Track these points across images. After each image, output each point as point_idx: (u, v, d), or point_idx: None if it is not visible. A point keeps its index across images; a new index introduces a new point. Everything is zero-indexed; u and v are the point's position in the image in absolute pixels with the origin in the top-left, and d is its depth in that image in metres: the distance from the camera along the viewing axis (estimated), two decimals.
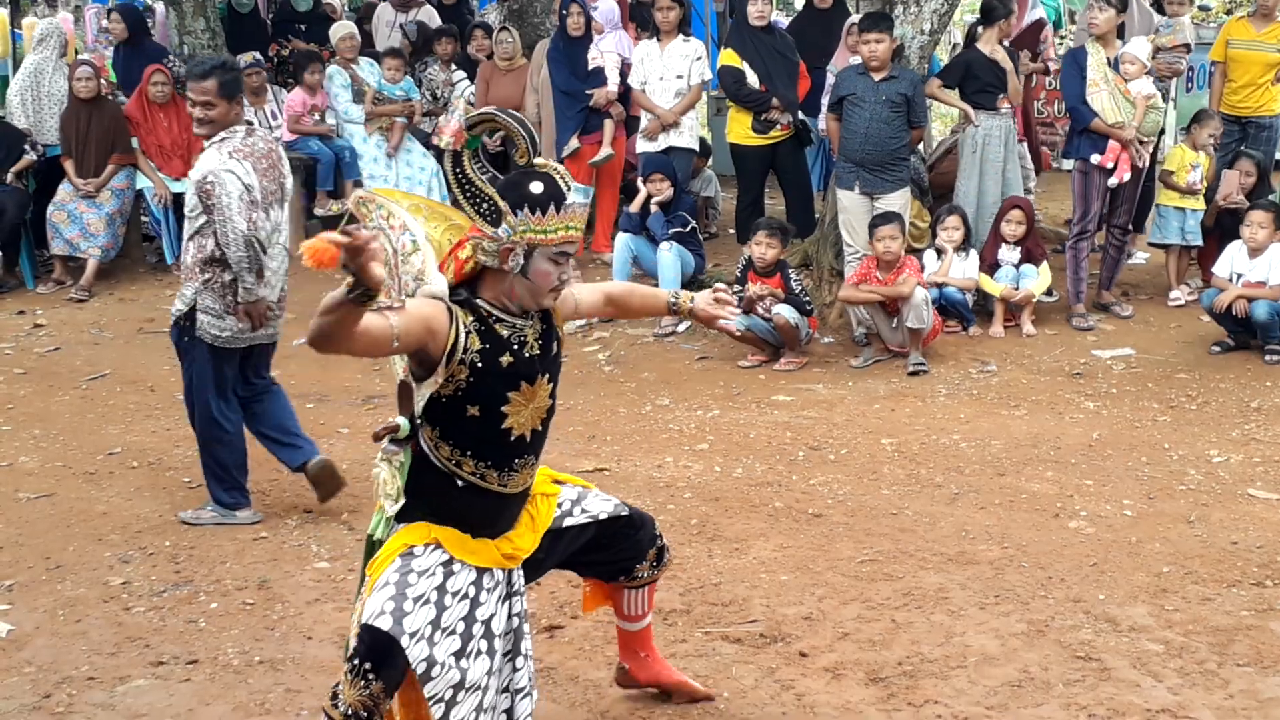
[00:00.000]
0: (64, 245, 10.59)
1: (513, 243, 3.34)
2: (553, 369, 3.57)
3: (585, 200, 3.45)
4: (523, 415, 3.49)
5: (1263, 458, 6.59)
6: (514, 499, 3.60)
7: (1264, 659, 4.55)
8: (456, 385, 3.37)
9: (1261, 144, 9.87)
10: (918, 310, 8.02)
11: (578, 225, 3.41)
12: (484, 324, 3.40)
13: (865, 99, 8.69)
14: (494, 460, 3.48)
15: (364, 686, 3.34)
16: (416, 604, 3.37)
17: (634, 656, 4.24)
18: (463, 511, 3.50)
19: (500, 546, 3.57)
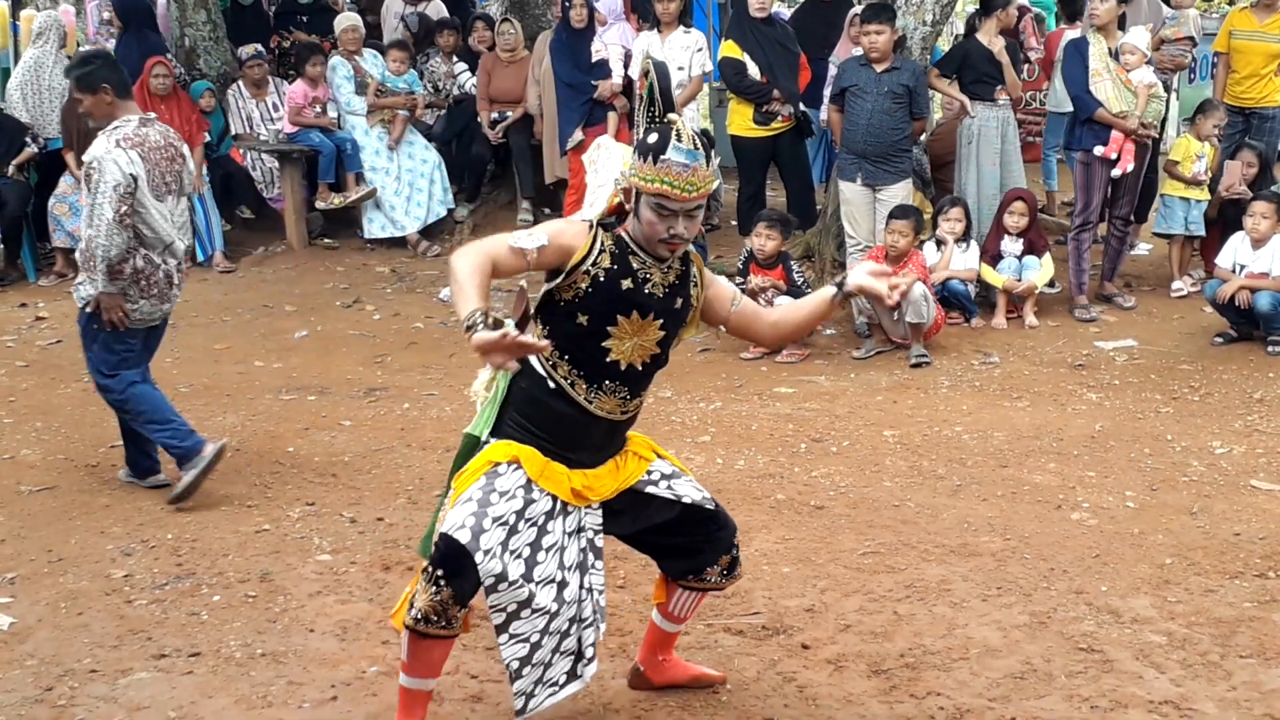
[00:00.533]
0: (65, 238, 10.56)
1: (629, 183, 3.59)
2: (670, 319, 3.73)
3: (685, 161, 3.51)
4: (625, 344, 3.67)
5: (1265, 449, 6.58)
6: (598, 423, 3.71)
7: (1267, 650, 4.54)
8: (575, 292, 3.60)
9: (1264, 135, 9.86)
10: (916, 305, 8.01)
11: (675, 183, 3.51)
12: (619, 247, 3.64)
13: (867, 90, 8.68)
14: (587, 371, 3.65)
15: (435, 593, 3.54)
16: (494, 524, 3.54)
17: (653, 659, 4.26)
18: (549, 421, 3.68)
19: (574, 479, 3.71)
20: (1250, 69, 9.78)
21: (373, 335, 9.13)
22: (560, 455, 3.70)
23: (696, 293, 3.81)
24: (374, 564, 5.33)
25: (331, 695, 4.31)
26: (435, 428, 7.11)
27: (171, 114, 10.86)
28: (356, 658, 4.55)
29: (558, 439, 3.69)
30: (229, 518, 5.87)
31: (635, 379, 3.73)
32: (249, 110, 11.72)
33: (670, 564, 4.07)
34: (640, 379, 3.75)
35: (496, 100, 11.37)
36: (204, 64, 12.06)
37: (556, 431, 3.69)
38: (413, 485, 6.23)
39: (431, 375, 8.17)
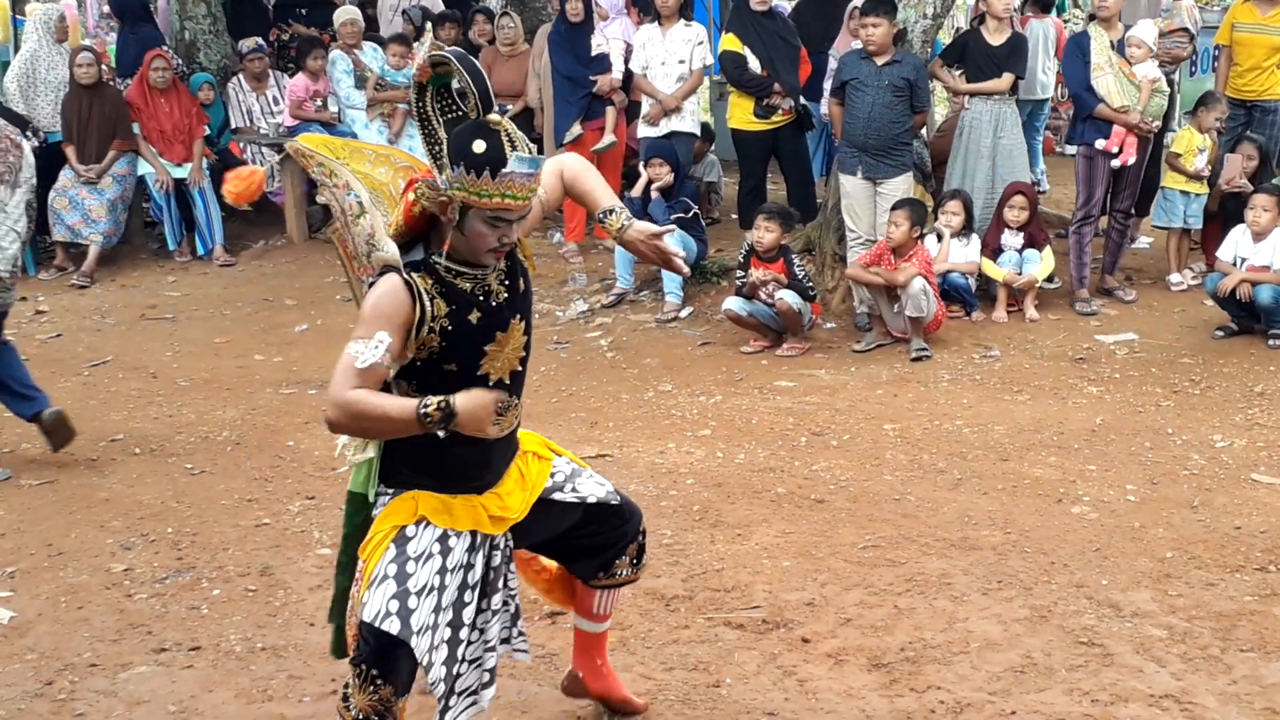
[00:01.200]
0: (66, 231, 10.59)
1: (449, 196, 3.19)
2: (523, 308, 3.46)
3: (528, 171, 3.15)
4: (499, 361, 3.39)
5: (1266, 442, 6.58)
6: (500, 444, 3.46)
7: (1267, 644, 4.54)
8: (430, 350, 3.28)
9: (1266, 128, 9.83)
10: (915, 299, 8.00)
11: (517, 195, 3.15)
12: (444, 284, 3.27)
13: (868, 84, 8.66)
14: None
15: (373, 691, 3.29)
16: (420, 596, 3.30)
17: (590, 663, 4.07)
18: (448, 461, 3.38)
19: (488, 505, 3.46)
20: (1252, 61, 9.75)
21: None
22: (466, 487, 3.43)
23: (521, 254, 3.50)
24: None
25: (332, 689, 4.30)
26: None
27: (171, 107, 10.89)
28: None
29: (460, 476, 3.42)
30: (229, 512, 5.87)
31: (518, 379, 3.51)
32: (249, 104, 11.72)
33: (579, 566, 3.87)
34: (522, 376, 3.53)
35: (497, 94, 11.20)
36: (204, 57, 12.06)
37: (456, 468, 3.41)
38: None
39: None
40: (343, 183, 3.42)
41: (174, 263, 10.86)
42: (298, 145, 3.51)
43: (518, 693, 4.24)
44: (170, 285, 10.37)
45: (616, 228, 3.64)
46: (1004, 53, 9.33)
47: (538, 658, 4.47)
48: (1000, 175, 9.29)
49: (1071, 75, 9.01)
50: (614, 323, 9.01)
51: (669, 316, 9.05)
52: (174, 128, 10.87)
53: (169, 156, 10.85)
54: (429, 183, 3.24)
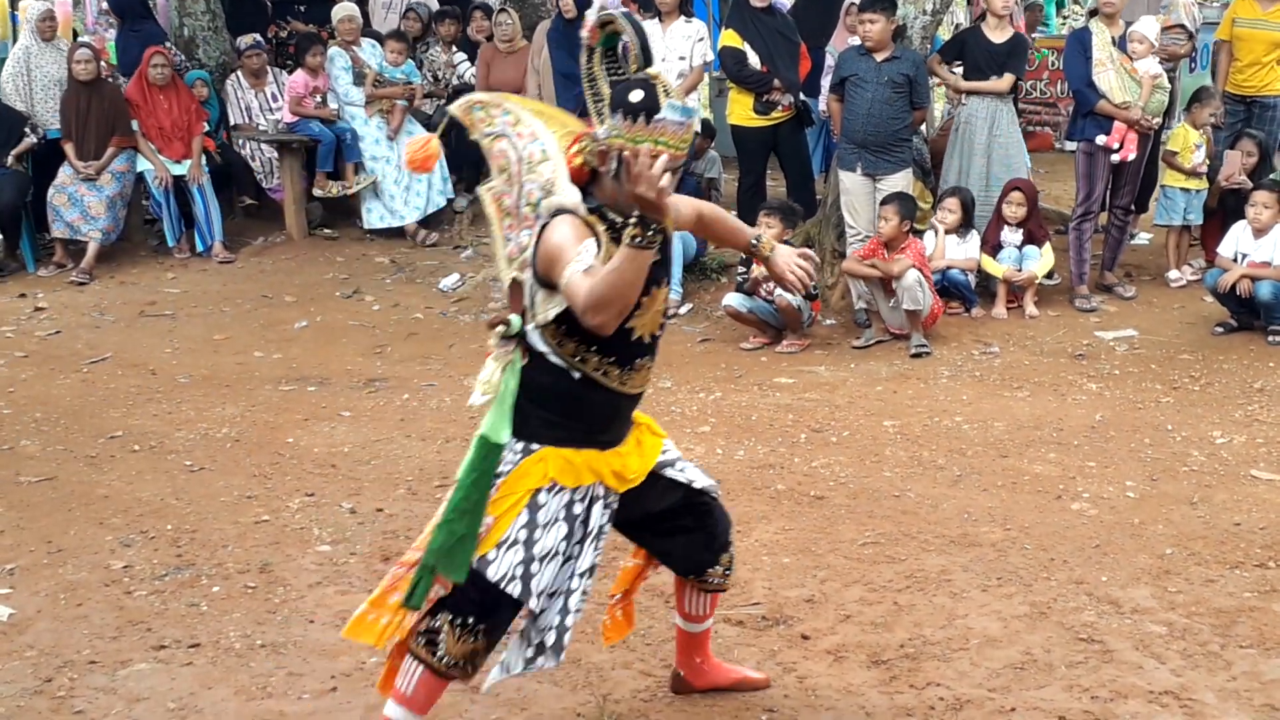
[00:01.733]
0: (65, 228, 10.57)
1: (607, 145, 3.38)
2: (667, 272, 3.66)
3: (681, 119, 3.28)
4: (645, 318, 3.53)
5: (1266, 439, 6.58)
6: (627, 401, 3.64)
7: (1267, 641, 4.54)
8: None
9: (1266, 123, 9.83)
10: (911, 292, 8.00)
11: (669, 142, 3.28)
12: (615, 231, 3.42)
13: (867, 80, 8.66)
14: (618, 358, 3.53)
15: (471, 641, 3.48)
16: (543, 563, 3.48)
17: (690, 662, 4.19)
18: (580, 409, 3.55)
19: (610, 462, 3.62)
20: (1252, 57, 9.75)
21: (372, 326, 9.13)
22: (592, 440, 3.59)
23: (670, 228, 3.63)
24: (374, 555, 5.33)
25: (331, 686, 4.31)
26: (435, 419, 7.11)
27: (170, 104, 10.87)
28: (356, 649, 4.53)
29: (590, 424, 3.58)
30: (228, 509, 5.87)
31: (655, 344, 3.68)
32: (248, 100, 11.71)
33: (673, 556, 3.97)
34: (657, 341, 3.70)
35: (496, 90, 11.32)
36: (203, 54, 12.06)
37: (589, 418, 3.57)
38: (412, 476, 6.22)
39: (431, 366, 8.17)
40: (529, 131, 3.58)
41: (173, 259, 10.85)
42: (484, 97, 3.75)
43: (517, 689, 4.23)
44: (169, 282, 10.36)
45: (769, 251, 3.96)
46: (1004, 51, 9.32)
47: None
48: (995, 172, 9.29)
49: (1073, 71, 9.01)
50: None
51: (669, 313, 9.03)
52: (173, 125, 10.85)
53: (168, 153, 10.83)
54: (590, 135, 3.45)
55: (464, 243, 11.03)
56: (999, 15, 9.33)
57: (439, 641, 3.49)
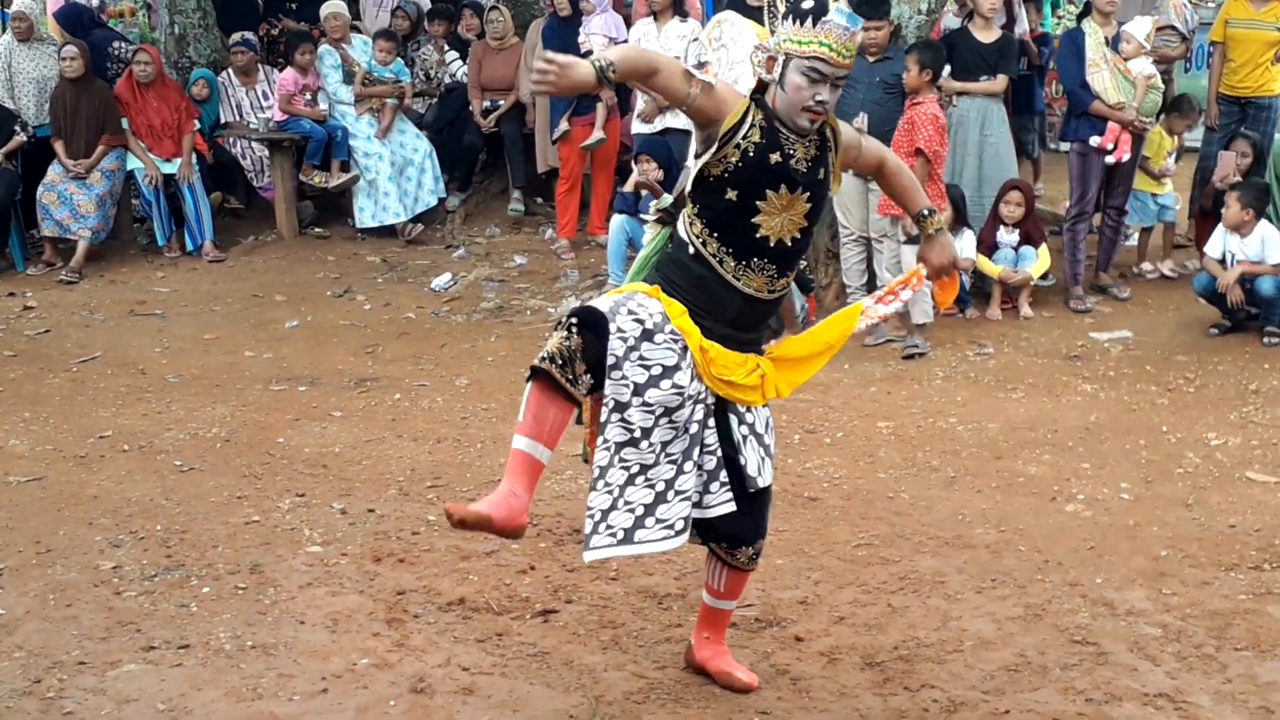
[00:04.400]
0: (54, 227, 10.53)
1: (775, 51, 3.68)
2: (815, 190, 3.80)
3: (846, 24, 3.60)
4: (775, 220, 3.74)
5: (1260, 440, 6.57)
6: (740, 301, 3.79)
7: (1262, 643, 4.53)
8: (725, 166, 3.69)
9: (1261, 124, 9.83)
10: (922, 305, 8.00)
11: (834, 45, 3.60)
12: (768, 122, 3.71)
13: (859, 81, 8.62)
14: (736, 248, 3.74)
15: (566, 337, 3.64)
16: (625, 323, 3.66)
17: (698, 635, 4.28)
18: (692, 282, 3.77)
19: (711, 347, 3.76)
20: (1247, 57, 9.74)
21: (363, 325, 9.10)
22: (697, 320, 3.75)
23: (833, 157, 3.85)
24: (365, 555, 5.30)
25: (322, 687, 4.28)
26: (426, 418, 7.08)
27: (160, 102, 10.84)
28: (347, 650, 4.52)
29: (697, 300, 3.76)
30: (219, 509, 5.84)
31: (784, 255, 3.80)
32: (238, 98, 11.68)
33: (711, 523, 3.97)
34: (788, 256, 3.81)
35: (488, 88, 11.32)
36: (194, 51, 12.02)
37: (696, 293, 3.76)
38: (404, 476, 6.19)
39: (423, 366, 8.14)
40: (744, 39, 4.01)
41: (163, 258, 10.82)
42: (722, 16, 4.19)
43: (509, 691, 4.21)
44: (159, 281, 10.33)
45: (933, 229, 4.07)
46: (994, 51, 9.31)
47: (529, 655, 4.45)
48: (987, 172, 9.28)
49: (1066, 72, 9.00)
50: None
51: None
52: (163, 123, 10.81)
53: (158, 152, 10.79)
54: (760, 45, 3.74)
55: (456, 242, 11.01)
56: (986, 16, 9.32)
57: (544, 345, 3.68)
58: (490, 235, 11.12)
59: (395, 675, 4.33)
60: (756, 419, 3.95)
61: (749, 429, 3.93)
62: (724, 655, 4.29)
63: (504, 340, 8.68)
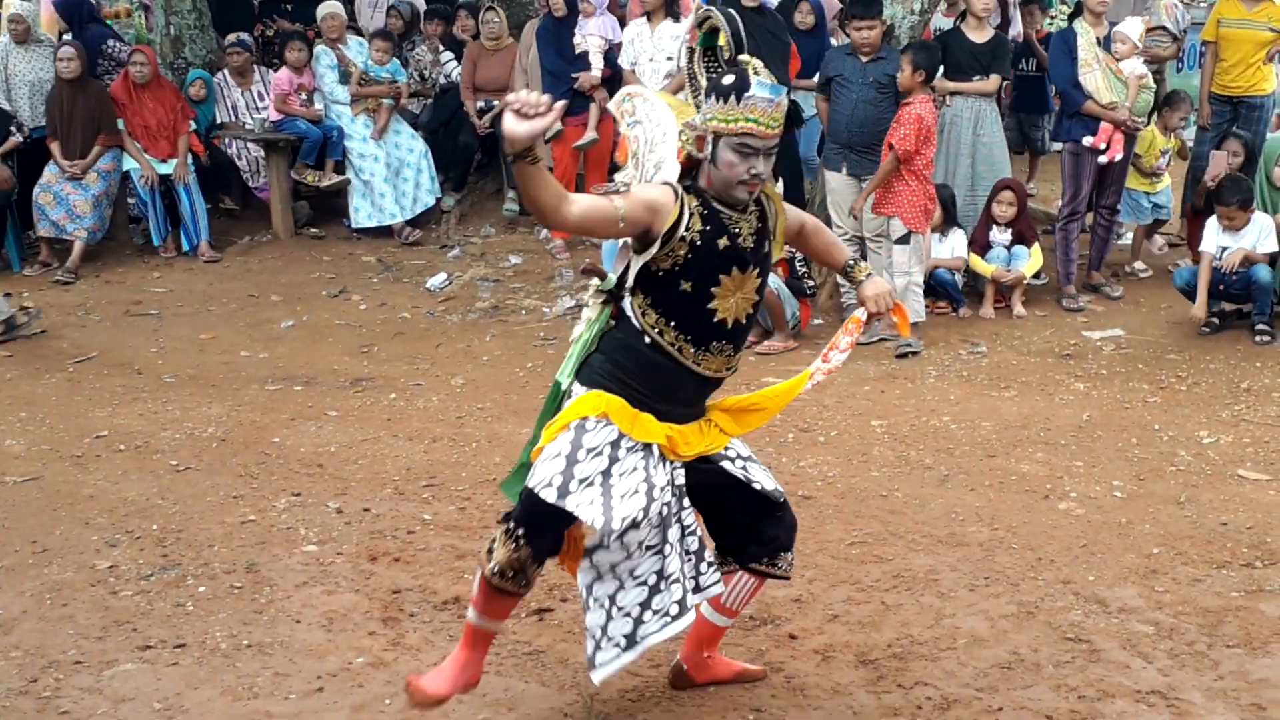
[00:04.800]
0: (50, 227, 10.53)
1: (703, 129, 3.61)
2: (763, 265, 3.78)
3: (770, 96, 3.55)
4: (729, 301, 3.69)
5: (1252, 438, 6.59)
6: (697, 382, 3.75)
7: (1254, 640, 4.55)
8: (675, 260, 3.60)
9: (1253, 124, 9.85)
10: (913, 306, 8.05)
11: (760, 119, 3.55)
12: (706, 207, 3.64)
13: (853, 80, 8.65)
14: (695, 335, 3.68)
15: (514, 549, 3.62)
16: (581, 485, 3.56)
17: (696, 656, 4.21)
18: (643, 369, 3.69)
19: (666, 429, 3.71)
20: (1239, 57, 9.77)
21: (359, 325, 9.11)
22: (649, 406, 3.69)
23: (773, 227, 3.84)
24: (360, 555, 5.32)
25: (318, 686, 4.30)
26: (422, 418, 7.09)
27: (155, 103, 10.84)
28: (343, 649, 4.54)
29: (650, 387, 3.70)
30: (215, 508, 5.85)
31: (739, 333, 3.77)
32: (234, 99, 11.68)
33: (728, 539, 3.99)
34: (743, 332, 3.79)
35: (482, 89, 11.33)
36: (189, 52, 12.02)
37: (650, 380, 3.70)
38: (399, 476, 6.21)
39: (418, 366, 8.15)
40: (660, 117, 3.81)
41: (159, 259, 10.82)
42: (631, 90, 4.01)
43: (504, 689, 4.23)
44: (155, 281, 10.33)
45: (864, 274, 4.08)
46: (987, 51, 9.34)
47: (524, 654, 4.47)
48: (980, 172, 9.31)
49: (1058, 72, 9.02)
50: None
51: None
52: (158, 124, 10.81)
53: (154, 152, 10.79)
54: (688, 123, 3.67)
55: (451, 242, 11.02)
56: (979, 16, 9.35)
57: (492, 550, 3.67)
58: (485, 235, 11.12)
59: (391, 674, 4.35)
60: (736, 447, 3.93)
61: (738, 456, 3.92)
62: (727, 662, 4.30)
63: (499, 340, 8.70)
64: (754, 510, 3.93)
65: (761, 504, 3.92)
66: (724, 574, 4.01)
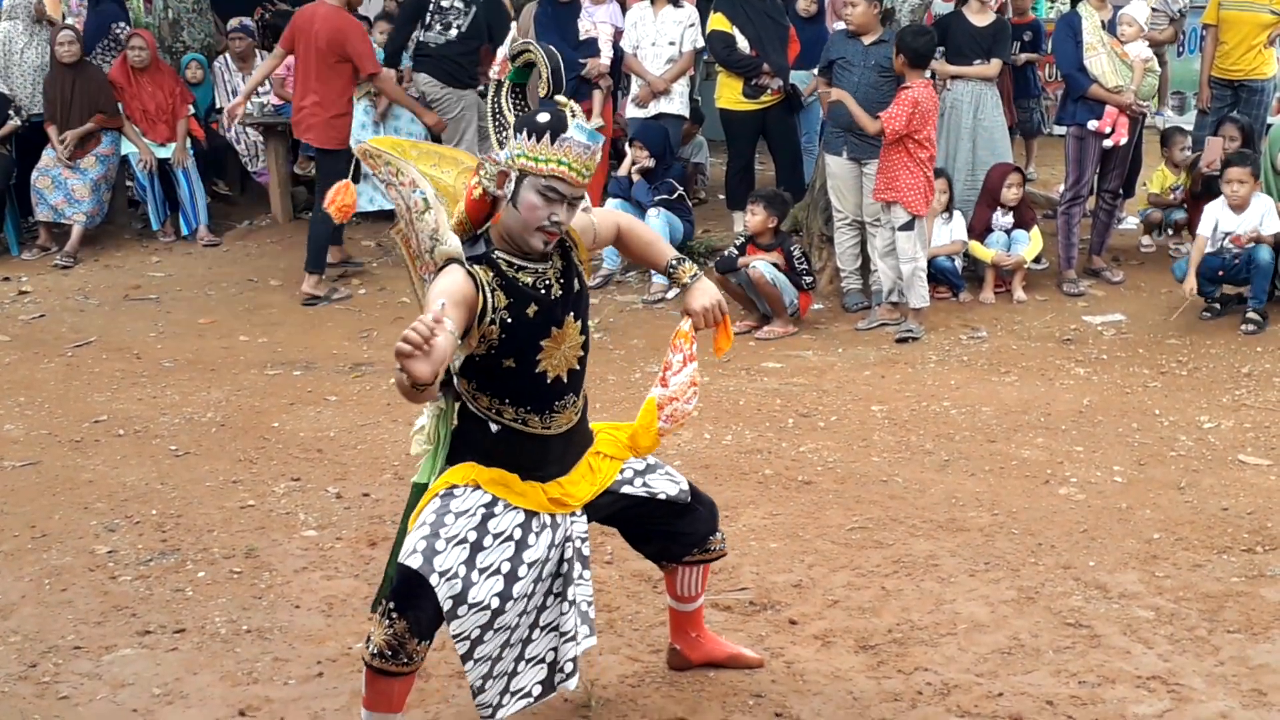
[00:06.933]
0: (49, 211, 10.53)
1: (508, 166, 3.34)
2: (578, 306, 3.54)
3: (587, 142, 3.30)
4: (556, 358, 3.48)
5: (1253, 423, 6.58)
6: (559, 439, 3.57)
7: (1254, 625, 4.54)
8: (489, 344, 3.37)
9: (1253, 107, 9.83)
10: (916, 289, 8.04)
11: (574, 165, 3.29)
12: (504, 278, 3.38)
13: (854, 63, 8.60)
14: (534, 405, 3.48)
15: (388, 626, 3.39)
16: (450, 544, 3.37)
17: (685, 637, 4.22)
18: (508, 454, 3.50)
19: (549, 491, 3.56)
20: (1239, 39, 9.73)
21: (358, 310, 9.10)
22: (529, 477, 3.53)
23: (578, 258, 3.58)
24: (360, 540, 5.31)
25: (317, 671, 4.29)
26: None
27: (154, 87, 10.81)
28: (342, 634, 4.54)
29: (522, 467, 3.51)
30: (214, 493, 5.85)
31: (576, 378, 3.57)
32: (235, 84, 11.65)
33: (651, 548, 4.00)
34: (580, 374, 3.60)
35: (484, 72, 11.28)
36: (188, 36, 11.99)
37: (518, 462, 3.51)
38: (399, 461, 6.20)
39: None
40: (409, 180, 3.49)
41: (158, 243, 10.81)
42: (367, 147, 3.61)
43: None
44: (154, 266, 10.32)
45: (689, 275, 3.79)
46: (988, 34, 9.32)
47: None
48: (981, 156, 9.29)
49: (1063, 55, 8.99)
50: (600, 304, 8.98)
51: (655, 297, 9.03)
52: (157, 108, 10.80)
53: (152, 136, 10.78)
54: (490, 157, 3.41)
55: None
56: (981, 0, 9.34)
57: (371, 636, 3.46)
58: None
59: None
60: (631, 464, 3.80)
61: (635, 474, 3.80)
62: (722, 643, 4.30)
63: None
64: (665, 516, 3.87)
65: (670, 508, 3.86)
66: (666, 572, 4.06)
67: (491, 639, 3.44)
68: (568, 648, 3.59)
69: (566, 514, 3.59)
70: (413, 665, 3.45)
